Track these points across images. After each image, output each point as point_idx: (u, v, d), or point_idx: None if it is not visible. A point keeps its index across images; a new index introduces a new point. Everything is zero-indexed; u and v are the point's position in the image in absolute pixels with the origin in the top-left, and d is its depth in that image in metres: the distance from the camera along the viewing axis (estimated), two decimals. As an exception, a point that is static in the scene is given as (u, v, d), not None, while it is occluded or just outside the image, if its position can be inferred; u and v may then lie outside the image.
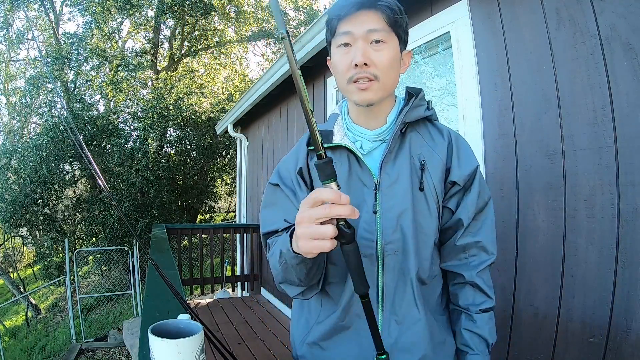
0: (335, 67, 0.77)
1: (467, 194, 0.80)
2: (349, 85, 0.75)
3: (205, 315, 3.55)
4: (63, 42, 9.55)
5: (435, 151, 0.80)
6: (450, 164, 0.81)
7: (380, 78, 0.73)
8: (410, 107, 0.79)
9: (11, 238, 10.51)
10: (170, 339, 0.61)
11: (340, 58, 0.75)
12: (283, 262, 0.67)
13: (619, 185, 1.21)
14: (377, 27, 0.72)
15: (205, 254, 4.37)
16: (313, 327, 0.84)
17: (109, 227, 7.77)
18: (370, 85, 0.73)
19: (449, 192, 0.81)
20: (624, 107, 1.19)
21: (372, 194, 0.76)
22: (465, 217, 0.79)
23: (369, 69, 0.72)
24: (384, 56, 0.73)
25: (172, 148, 9.73)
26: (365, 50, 0.71)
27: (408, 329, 0.77)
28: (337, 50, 0.76)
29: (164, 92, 8.80)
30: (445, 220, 0.82)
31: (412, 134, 0.81)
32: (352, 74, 0.73)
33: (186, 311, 0.80)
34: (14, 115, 13.64)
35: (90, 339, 5.81)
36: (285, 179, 0.82)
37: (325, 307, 0.82)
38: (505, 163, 1.58)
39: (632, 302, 1.16)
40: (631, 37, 1.17)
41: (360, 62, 0.71)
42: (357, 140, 0.81)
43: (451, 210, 0.81)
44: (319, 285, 0.77)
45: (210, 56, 11.95)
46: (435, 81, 2.09)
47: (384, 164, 0.77)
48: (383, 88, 0.75)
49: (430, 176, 0.79)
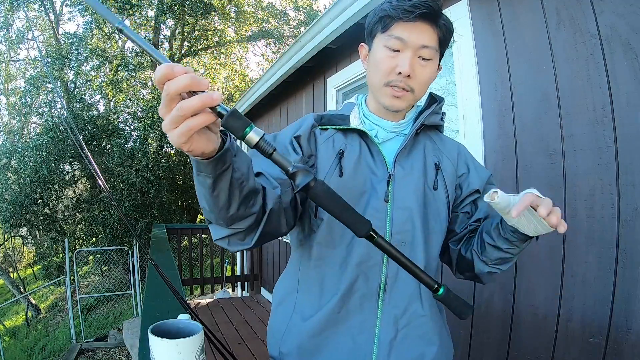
0: (377, 64, 0.76)
1: (481, 198, 0.82)
2: (384, 87, 0.75)
3: (205, 315, 3.55)
4: (63, 42, 9.56)
5: (446, 155, 0.83)
6: (465, 172, 0.84)
7: (416, 92, 0.75)
8: (432, 112, 0.81)
9: (11, 238, 10.51)
10: (170, 339, 0.61)
11: (385, 58, 0.74)
12: (194, 176, 0.55)
13: (619, 185, 1.21)
14: (430, 45, 0.73)
15: (205, 254, 4.37)
16: (299, 322, 0.78)
17: (109, 227, 7.77)
18: (404, 95, 0.74)
19: (467, 199, 0.83)
20: (624, 107, 1.19)
21: (383, 183, 0.76)
22: (482, 214, 0.82)
23: (409, 80, 0.73)
24: (427, 73, 0.74)
25: (172, 148, 9.73)
26: (413, 63, 0.72)
27: (410, 323, 0.75)
28: (383, 50, 0.74)
29: (164, 92, 8.79)
30: (463, 224, 0.83)
31: (426, 138, 0.83)
32: (392, 79, 0.74)
33: (186, 311, 0.80)
34: (14, 115, 13.65)
35: (90, 339, 5.81)
36: (280, 143, 0.78)
37: (318, 298, 0.77)
38: (505, 163, 1.58)
39: (632, 302, 1.16)
40: (631, 37, 1.17)
41: (405, 72, 0.72)
42: (372, 129, 0.82)
43: (467, 213, 0.83)
44: (253, 239, 0.62)
45: (210, 56, 11.96)
46: (435, 81, 2.08)
47: (399, 156, 0.78)
48: (414, 99, 0.77)
49: (444, 178, 0.80)
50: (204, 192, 0.54)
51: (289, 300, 0.82)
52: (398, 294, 0.75)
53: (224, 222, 0.58)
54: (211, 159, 0.49)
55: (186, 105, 0.41)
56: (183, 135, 0.43)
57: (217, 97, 0.42)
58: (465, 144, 1.76)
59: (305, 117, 0.82)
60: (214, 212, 0.57)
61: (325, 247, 0.75)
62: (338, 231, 0.74)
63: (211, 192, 0.53)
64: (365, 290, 0.74)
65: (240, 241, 0.62)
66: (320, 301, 0.76)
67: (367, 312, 0.74)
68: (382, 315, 0.74)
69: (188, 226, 4.87)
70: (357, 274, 0.74)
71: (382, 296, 0.74)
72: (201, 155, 0.47)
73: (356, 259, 0.73)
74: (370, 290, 0.74)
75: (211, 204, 0.55)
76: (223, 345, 0.87)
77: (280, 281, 0.88)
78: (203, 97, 0.41)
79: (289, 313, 0.80)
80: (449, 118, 1.98)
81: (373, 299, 0.74)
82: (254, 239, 0.62)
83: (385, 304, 0.74)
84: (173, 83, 0.41)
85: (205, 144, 0.46)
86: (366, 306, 0.74)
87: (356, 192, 0.75)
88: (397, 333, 0.74)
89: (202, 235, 4.35)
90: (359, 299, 0.74)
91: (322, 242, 0.75)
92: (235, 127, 0.44)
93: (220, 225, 0.60)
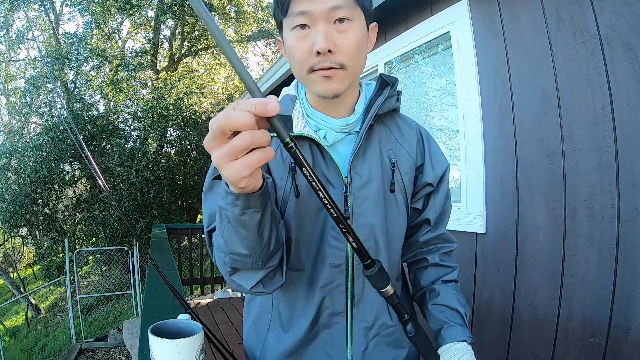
0: (291, 53, 0.64)
1: (436, 194, 0.77)
2: (309, 75, 0.63)
3: (205, 315, 3.55)
4: (63, 42, 9.56)
5: (404, 147, 0.74)
6: (423, 162, 0.76)
7: (348, 65, 0.62)
8: (386, 97, 0.70)
9: (11, 238, 10.51)
10: (170, 339, 0.61)
11: (296, 43, 0.62)
12: (224, 221, 0.51)
13: (619, 185, 1.21)
14: (340, 3, 0.59)
15: (205, 254, 4.37)
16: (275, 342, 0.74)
17: (109, 227, 7.77)
18: (334, 74, 0.61)
19: (419, 193, 0.77)
20: (624, 107, 1.19)
21: (341, 197, 0.68)
22: (432, 216, 0.77)
23: (333, 56, 0.60)
24: (351, 39, 0.61)
25: (172, 148, 9.73)
26: (328, 34, 0.59)
27: (379, 333, 0.74)
28: (291, 34, 0.62)
29: (164, 92, 8.80)
30: (412, 219, 0.78)
31: (381, 127, 0.73)
32: (314, 62, 0.61)
33: (186, 311, 0.80)
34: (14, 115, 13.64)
35: (90, 339, 5.80)
36: None
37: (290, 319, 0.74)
38: (505, 163, 1.58)
39: (632, 302, 1.16)
40: (631, 37, 1.17)
41: (323, 49, 0.59)
42: (320, 129, 0.70)
43: (417, 210, 0.78)
44: (283, 273, 0.62)
45: (210, 56, 11.94)
46: (435, 81, 2.08)
47: (354, 161, 0.68)
48: (351, 75, 0.64)
49: (401, 175, 0.73)
50: (246, 234, 0.50)
51: (264, 319, 0.78)
52: (366, 309, 0.72)
53: (262, 262, 0.55)
54: (261, 191, 0.46)
55: (257, 137, 0.38)
56: (247, 167, 0.40)
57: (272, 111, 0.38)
58: (465, 144, 1.76)
59: None
60: (253, 254, 0.53)
61: (293, 270, 0.72)
62: (304, 253, 0.70)
63: (257, 230, 0.50)
64: (332, 309, 0.72)
65: (271, 280, 0.61)
66: (293, 322, 0.74)
67: (336, 328, 0.72)
68: (351, 329, 0.72)
69: (188, 226, 4.87)
70: (323, 295, 0.71)
71: (350, 313, 0.72)
72: (253, 189, 0.45)
73: (320, 282, 0.70)
74: (338, 309, 0.72)
75: (254, 244, 0.52)
76: (223, 345, 0.87)
77: (252, 299, 0.82)
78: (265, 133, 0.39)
79: (263, 332, 0.77)
80: (449, 118, 1.98)
81: (342, 315, 0.72)
82: (284, 273, 0.62)
83: (354, 319, 0.72)
84: (260, 136, 0.38)
85: (259, 176, 0.44)
86: (335, 322, 0.72)
87: (313, 208, 0.68)
88: (367, 344, 0.73)
89: (202, 235, 4.35)
90: (327, 316, 0.72)
91: (292, 267, 0.71)
92: (379, 280, 0.49)
93: (256, 269, 0.57)
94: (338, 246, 0.68)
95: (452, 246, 0.81)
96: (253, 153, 0.39)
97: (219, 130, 0.38)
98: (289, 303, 0.74)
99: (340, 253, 0.69)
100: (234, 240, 0.52)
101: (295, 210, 0.68)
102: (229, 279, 0.59)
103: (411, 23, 2.08)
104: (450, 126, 1.98)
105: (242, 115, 0.37)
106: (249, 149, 0.39)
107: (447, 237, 0.80)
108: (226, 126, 0.37)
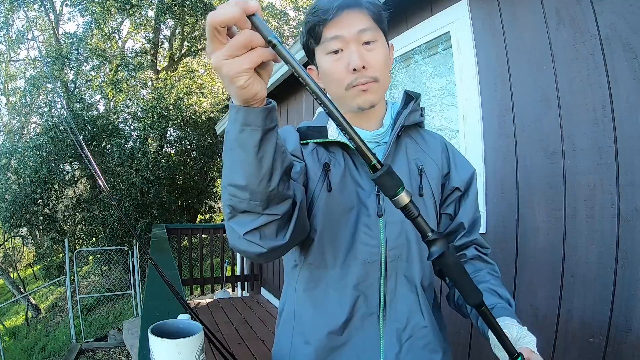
0: (328, 75, 0.72)
1: (466, 198, 0.80)
2: (347, 92, 0.71)
3: (205, 315, 3.55)
4: (63, 42, 9.55)
5: (430, 156, 0.79)
6: (449, 170, 0.80)
7: (380, 79, 0.71)
8: (410, 111, 0.77)
9: (11, 238, 10.51)
10: (170, 339, 0.61)
11: (332, 65, 0.71)
12: (227, 147, 0.50)
13: (619, 185, 1.21)
14: (366, 27, 0.69)
15: (205, 254, 4.37)
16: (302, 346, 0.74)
17: (109, 227, 7.77)
18: (370, 86, 0.70)
19: (448, 198, 0.80)
20: (624, 107, 1.19)
21: (373, 197, 0.72)
22: (466, 220, 0.79)
23: (367, 72, 0.69)
24: (379, 55, 0.71)
25: (172, 148, 9.74)
26: (360, 53, 0.68)
27: (413, 335, 0.73)
28: (326, 58, 0.71)
29: (164, 92, 8.80)
30: (445, 225, 0.81)
31: (407, 138, 0.80)
32: (351, 79, 0.69)
33: (186, 311, 0.80)
34: (14, 115, 13.64)
35: (90, 339, 5.81)
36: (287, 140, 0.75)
37: (317, 322, 0.73)
38: (505, 163, 1.58)
39: (632, 302, 1.16)
40: (631, 37, 1.17)
41: (358, 66, 0.67)
42: None
43: (450, 215, 0.80)
44: (287, 233, 0.57)
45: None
46: (435, 81, 2.09)
47: None
48: (382, 88, 0.73)
49: (428, 181, 0.77)
50: (244, 156, 0.48)
51: (288, 324, 0.79)
52: (398, 308, 0.73)
53: (260, 201, 0.52)
54: (263, 107, 0.46)
55: (257, 36, 0.39)
56: (247, 61, 0.40)
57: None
58: (465, 144, 1.76)
59: (285, 128, 0.78)
60: (251, 185, 0.50)
61: (316, 269, 0.73)
62: (330, 251, 0.71)
63: (256, 153, 0.48)
64: (365, 309, 0.72)
65: (273, 235, 0.56)
66: (321, 325, 0.73)
67: (369, 330, 0.72)
68: (384, 331, 0.72)
69: (188, 226, 4.87)
70: (357, 295, 0.71)
71: (382, 313, 0.72)
72: (253, 97, 0.44)
73: (354, 280, 0.71)
74: (371, 308, 0.72)
75: (252, 171, 0.49)
76: (223, 345, 0.87)
77: (281, 300, 0.84)
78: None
79: (289, 336, 0.77)
80: (449, 118, 1.98)
81: (374, 317, 0.72)
82: (287, 234, 0.57)
83: (386, 320, 0.73)
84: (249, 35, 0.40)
85: (261, 85, 0.44)
86: (368, 324, 0.72)
87: (345, 207, 0.72)
88: (401, 346, 0.72)
89: (202, 235, 4.35)
90: (360, 319, 0.72)
91: (314, 264, 0.73)
92: (388, 185, 0.43)
93: (253, 212, 0.53)
94: (371, 243, 0.71)
95: (487, 251, 0.82)
96: (253, 50, 0.40)
97: (211, 29, 0.39)
98: (313, 305, 0.74)
99: (374, 249, 0.71)
100: (233, 166, 0.50)
101: (325, 205, 0.71)
102: (227, 224, 0.56)
103: (411, 23, 2.08)
104: (450, 126, 1.99)
105: (227, 7, 0.38)
106: (248, 47, 0.40)
107: (482, 242, 0.82)
108: (215, 21, 0.39)
